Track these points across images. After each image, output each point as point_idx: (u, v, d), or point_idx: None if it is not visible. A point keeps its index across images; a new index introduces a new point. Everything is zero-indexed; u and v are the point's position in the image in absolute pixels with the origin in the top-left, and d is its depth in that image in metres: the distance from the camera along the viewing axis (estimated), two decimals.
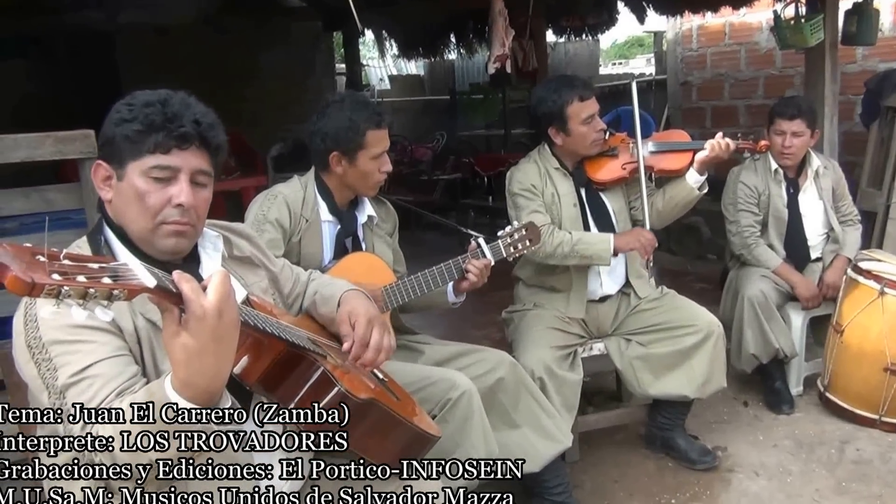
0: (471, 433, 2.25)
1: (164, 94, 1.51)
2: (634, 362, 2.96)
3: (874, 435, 3.24)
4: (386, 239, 2.64)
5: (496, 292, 3.17)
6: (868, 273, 3.25)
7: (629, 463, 3.13)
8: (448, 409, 2.22)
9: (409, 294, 2.42)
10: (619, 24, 7.43)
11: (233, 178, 5.70)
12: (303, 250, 2.40)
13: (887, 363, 3.15)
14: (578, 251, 2.86)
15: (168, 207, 1.49)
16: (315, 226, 2.43)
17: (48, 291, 0.99)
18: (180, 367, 1.21)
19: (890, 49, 6.16)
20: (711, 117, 7.59)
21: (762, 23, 7.02)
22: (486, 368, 2.49)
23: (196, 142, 1.50)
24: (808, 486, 2.90)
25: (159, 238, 1.51)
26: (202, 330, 1.19)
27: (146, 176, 1.47)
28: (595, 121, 2.92)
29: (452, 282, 2.49)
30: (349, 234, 2.52)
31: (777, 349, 3.41)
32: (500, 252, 2.52)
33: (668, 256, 6.20)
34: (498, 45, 4.07)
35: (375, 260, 2.52)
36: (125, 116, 1.47)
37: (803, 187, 3.67)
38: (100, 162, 1.51)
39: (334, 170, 2.42)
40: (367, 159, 2.39)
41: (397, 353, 2.48)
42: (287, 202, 2.39)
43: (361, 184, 2.46)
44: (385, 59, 10.99)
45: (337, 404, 1.52)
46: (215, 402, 1.27)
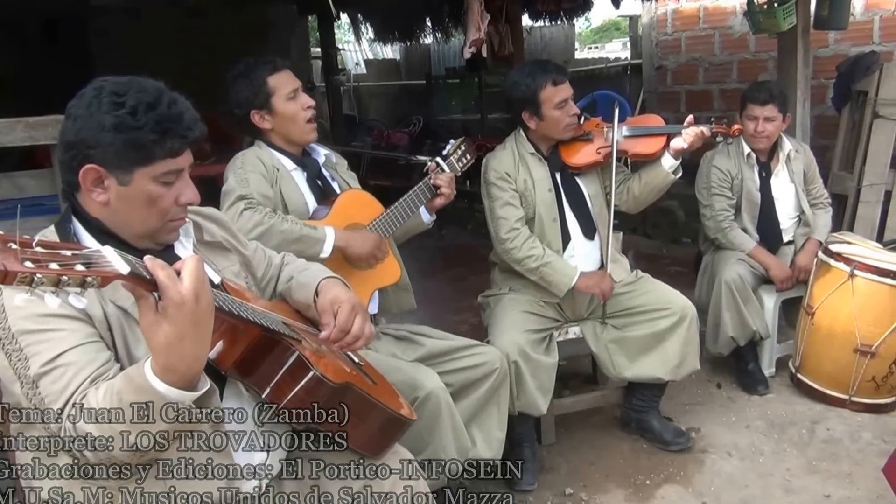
0: (441, 433, 2.29)
1: (157, 91, 1.47)
2: (609, 345, 2.99)
3: (844, 415, 3.29)
4: (349, 173, 2.76)
5: (474, 277, 3.19)
6: (838, 255, 3.28)
7: (605, 445, 3.16)
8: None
9: (396, 221, 2.60)
10: (595, 8, 7.41)
11: (208, 163, 5.61)
12: (285, 197, 2.46)
13: (857, 344, 3.20)
14: (542, 273, 2.91)
15: (175, 206, 1.52)
16: (286, 174, 2.51)
17: (21, 279, 0.99)
18: (161, 353, 1.22)
19: (861, 33, 6.21)
20: (686, 101, 7.61)
21: (736, 7, 7.03)
22: (478, 362, 2.55)
23: (194, 142, 1.52)
24: (780, 466, 2.95)
25: (162, 234, 1.55)
26: (180, 315, 1.20)
27: (158, 181, 1.47)
28: (568, 105, 2.93)
29: (426, 202, 2.70)
30: (315, 175, 2.60)
31: (755, 331, 3.46)
32: (455, 167, 2.78)
33: (643, 240, 6.23)
34: (473, 29, 4.08)
35: (363, 195, 2.66)
36: (129, 123, 1.42)
37: (775, 171, 3.70)
38: (93, 167, 1.45)
39: (262, 127, 2.51)
40: (283, 101, 2.48)
41: (398, 344, 2.56)
42: (257, 156, 2.49)
43: (295, 129, 2.53)
44: (361, 44, 10.90)
45: (312, 388, 1.53)
46: (194, 385, 1.29)
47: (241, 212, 2.28)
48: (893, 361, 3.20)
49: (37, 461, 1.50)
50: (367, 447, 1.74)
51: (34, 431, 1.47)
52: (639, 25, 8.49)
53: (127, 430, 1.27)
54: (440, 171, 2.73)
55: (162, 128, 1.44)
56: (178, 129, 1.46)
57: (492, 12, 4.71)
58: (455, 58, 10.38)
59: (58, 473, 1.48)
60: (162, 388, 1.24)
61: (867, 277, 3.17)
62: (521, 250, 2.90)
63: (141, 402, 1.25)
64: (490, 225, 2.99)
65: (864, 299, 3.18)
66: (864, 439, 3.10)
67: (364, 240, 2.47)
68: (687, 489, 2.84)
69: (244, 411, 1.62)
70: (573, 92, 2.96)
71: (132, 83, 1.46)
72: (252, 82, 2.47)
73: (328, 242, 2.36)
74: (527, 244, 2.90)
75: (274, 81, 2.48)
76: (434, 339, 2.59)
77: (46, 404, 1.34)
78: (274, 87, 2.47)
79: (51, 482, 1.49)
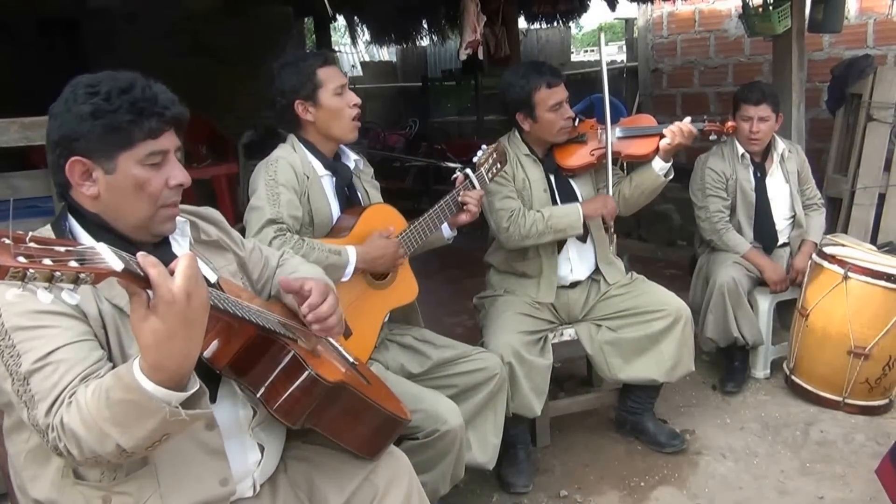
0: (446, 465, 2.31)
1: (130, 77, 1.48)
2: (605, 347, 2.99)
3: (838, 417, 3.30)
4: (373, 183, 2.71)
5: (469, 279, 3.19)
6: (832, 258, 3.30)
7: (599, 447, 3.17)
8: (433, 438, 2.26)
9: (421, 236, 2.55)
10: (590, 10, 7.45)
11: (204, 166, 5.60)
12: (312, 206, 2.43)
13: (851, 346, 3.21)
14: (552, 226, 2.89)
15: (165, 189, 1.51)
16: (315, 181, 2.46)
17: (13, 274, 0.98)
18: (149, 350, 1.21)
19: (855, 37, 6.26)
20: (682, 104, 7.66)
21: (731, 10, 7.09)
22: (479, 367, 2.57)
23: (173, 121, 1.51)
24: (774, 468, 2.96)
25: (157, 224, 1.53)
26: (171, 313, 1.19)
27: (142, 164, 1.47)
28: (563, 108, 2.92)
29: (450, 218, 2.64)
30: (346, 183, 2.56)
31: (736, 337, 3.47)
32: (485, 179, 2.70)
33: (638, 243, 6.25)
34: (469, 31, 4.09)
35: (388, 210, 2.59)
36: (103, 107, 1.43)
37: (770, 171, 3.72)
38: (77, 159, 1.46)
39: (305, 119, 2.46)
40: (330, 96, 2.44)
41: (404, 354, 2.57)
42: (289, 163, 2.42)
43: (337, 125, 2.48)
44: (357, 46, 10.92)
45: (307, 388, 1.53)
46: (183, 385, 1.27)
47: (271, 240, 2.24)
48: (887, 363, 3.21)
49: (28, 460, 1.50)
50: (362, 447, 1.73)
51: (25, 430, 1.47)
52: (635, 28, 8.52)
53: (113, 429, 1.26)
54: (469, 186, 2.65)
55: (137, 108, 1.44)
56: (153, 108, 1.45)
57: (488, 14, 4.73)
58: (451, 60, 10.40)
59: (49, 474, 1.48)
60: (149, 386, 1.22)
61: (861, 280, 3.19)
62: (525, 226, 2.88)
63: (128, 400, 1.23)
64: (490, 220, 2.97)
65: (858, 301, 3.20)
66: (858, 441, 3.11)
67: (384, 256, 2.42)
68: (681, 491, 2.85)
69: (238, 411, 1.61)
70: (568, 94, 2.96)
71: (106, 75, 1.48)
72: (301, 72, 2.42)
73: (350, 267, 2.34)
74: (526, 217, 2.88)
75: (323, 74, 2.43)
76: (438, 347, 2.60)
77: (36, 401, 1.33)
78: (323, 80, 2.43)
79: (43, 483, 1.48)
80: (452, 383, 2.53)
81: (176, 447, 1.45)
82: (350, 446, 1.71)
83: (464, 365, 2.56)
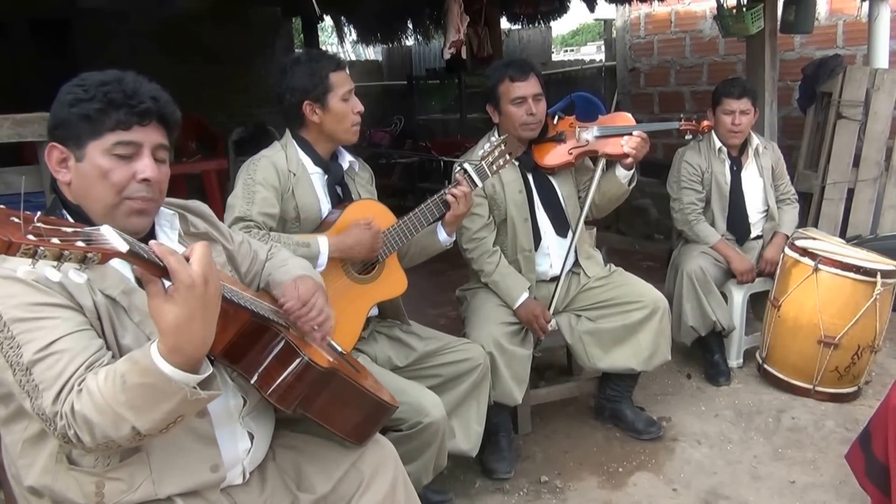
0: (428, 456, 2.38)
1: (116, 73, 1.51)
2: (584, 337, 3.04)
3: (809, 404, 3.39)
4: (367, 187, 2.71)
5: (454, 271, 3.23)
6: (804, 250, 3.37)
7: (579, 434, 3.24)
8: (417, 430, 2.32)
9: (404, 236, 2.54)
10: (570, 11, 7.53)
11: (193, 160, 5.67)
12: (298, 202, 2.45)
13: (821, 336, 3.29)
14: (494, 282, 2.97)
15: (133, 183, 1.50)
16: (304, 178, 2.49)
17: (24, 251, 1.01)
18: (169, 334, 1.25)
19: (826, 37, 6.38)
20: (659, 103, 7.74)
21: (706, 11, 7.19)
22: (464, 357, 2.63)
23: (155, 118, 1.52)
24: (747, 453, 3.04)
25: (121, 217, 1.50)
26: (191, 298, 1.23)
27: (109, 154, 1.48)
28: (526, 104, 2.92)
29: (441, 218, 2.61)
30: (337, 182, 2.58)
31: (714, 322, 3.55)
32: (486, 172, 2.63)
33: (617, 237, 6.32)
34: (453, 31, 4.14)
35: (375, 205, 2.59)
36: (80, 96, 1.47)
37: (745, 165, 3.81)
38: (54, 145, 1.50)
39: (310, 119, 2.48)
40: (338, 100, 2.47)
41: (392, 346, 2.62)
42: (271, 162, 2.45)
43: (339, 128, 2.51)
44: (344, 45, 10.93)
45: (300, 374, 1.56)
46: (197, 368, 1.31)
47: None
48: (855, 352, 3.30)
49: (25, 449, 1.51)
50: (351, 434, 1.76)
51: (23, 419, 1.48)
52: (613, 29, 8.61)
53: (129, 413, 1.28)
54: (469, 181, 2.60)
55: (108, 98, 1.46)
56: (123, 99, 1.47)
57: (471, 15, 4.78)
58: (435, 59, 10.46)
59: (41, 460, 1.49)
60: (168, 369, 1.26)
61: (831, 272, 3.27)
62: (478, 262, 2.98)
63: (145, 383, 1.26)
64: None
65: (828, 293, 3.28)
66: (828, 427, 3.19)
67: (360, 243, 2.40)
68: (658, 476, 2.91)
69: (229, 401, 1.64)
70: (541, 92, 2.95)
71: (100, 73, 1.52)
72: (314, 73, 2.44)
73: (322, 258, 2.35)
74: (482, 258, 2.97)
75: (335, 78, 2.46)
76: (423, 339, 2.66)
77: (41, 391, 1.33)
78: (334, 84, 2.46)
79: (36, 470, 1.50)
80: (437, 373, 2.60)
81: (170, 433, 1.46)
82: (340, 432, 1.73)
83: (448, 356, 2.62)
